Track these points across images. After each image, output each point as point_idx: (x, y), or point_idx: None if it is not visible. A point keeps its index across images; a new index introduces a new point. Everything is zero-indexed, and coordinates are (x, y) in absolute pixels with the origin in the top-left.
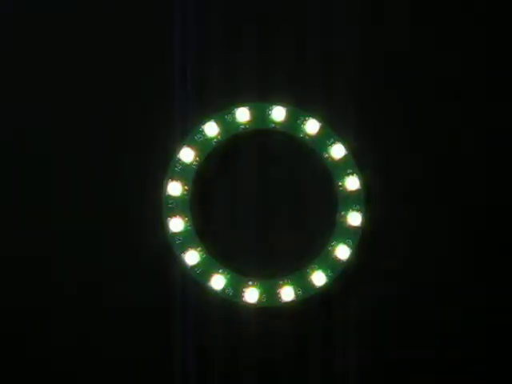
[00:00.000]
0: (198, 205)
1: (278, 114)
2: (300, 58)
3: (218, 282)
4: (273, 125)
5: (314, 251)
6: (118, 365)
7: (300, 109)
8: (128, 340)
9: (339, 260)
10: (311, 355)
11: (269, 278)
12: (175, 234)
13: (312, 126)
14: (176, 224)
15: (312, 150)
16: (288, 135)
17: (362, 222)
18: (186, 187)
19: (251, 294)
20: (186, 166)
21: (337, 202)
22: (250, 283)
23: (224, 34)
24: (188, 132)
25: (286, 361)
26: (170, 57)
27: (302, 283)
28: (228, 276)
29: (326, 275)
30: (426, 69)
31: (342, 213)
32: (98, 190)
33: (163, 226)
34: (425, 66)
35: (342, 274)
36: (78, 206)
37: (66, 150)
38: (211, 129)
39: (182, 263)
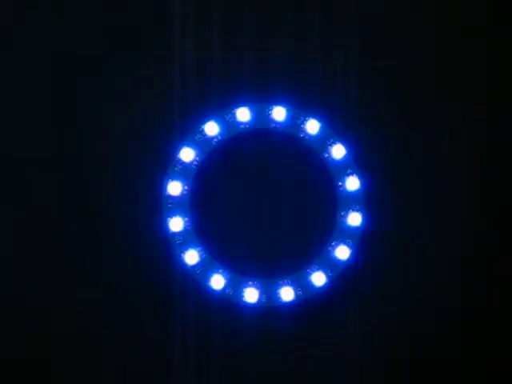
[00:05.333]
0: (197, 205)
1: (278, 113)
2: (300, 57)
3: (217, 281)
4: (273, 125)
5: (314, 251)
6: (117, 364)
7: (300, 109)
8: (128, 340)
9: (339, 260)
10: (311, 355)
11: (269, 278)
12: (175, 233)
13: (312, 126)
14: (176, 224)
15: (312, 150)
16: (288, 135)
17: (362, 222)
18: (185, 187)
19: (251, 294)
20: (185, 166)
21: (337, 202)
22: (250, 283)
23: (224, 33)
24: (188, 132)
25: (285, 361)
26: (169, 57)
27: (302, 283)
28: (228, 276)
29: (326, 275)
30: (426, 68)
31: (342, 213)
32: (97, 190)
33: (163, 226)
34: (425, 65)
35: (341, 274)
36: (77, 206)
37: (66, 150)
38: (211, 129)
39: (181, 263)
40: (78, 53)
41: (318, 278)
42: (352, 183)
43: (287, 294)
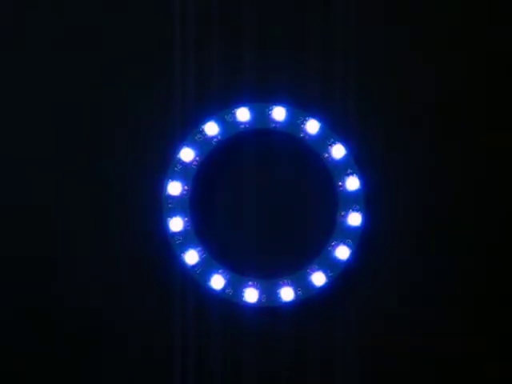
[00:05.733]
0: (197, 205)
1: (278, 113)
2: (300, 57)
3: (217, 281)
4: (273, 125)
5: (314, 251)
6: (117, 365)
7: (300, 109)
8: (128, 340)
9: (339, 260)
10: (311, 355)
11: (269, 278)
12: (175, 233)
13: (312, 126)
14: (176, 224)
15: (312, 150)
16: (288, 135)
17: (362, 222)
18: (186, 187)
19: (251, 294)
20: (185, 166)
21: (337, 201)
22: (250, 283)
23: (224, 33)
24: (188, 132)
25: (285, 361)
26: (169, 57)
27: (302, 283)
28: (228, 276)
29: (326, 275)
30: (426, 68)
31: (342, 213)
32: (98, 190)
33: (163, 226)
34: (424, 65)
35: (341, 274)
36: (78, 206)
37: (66, 150)
38: (211, 129)
39: (181, 263)
40: (78, 53)
41: (318, 278)
42: (352, 183)
43: (287, 293)
